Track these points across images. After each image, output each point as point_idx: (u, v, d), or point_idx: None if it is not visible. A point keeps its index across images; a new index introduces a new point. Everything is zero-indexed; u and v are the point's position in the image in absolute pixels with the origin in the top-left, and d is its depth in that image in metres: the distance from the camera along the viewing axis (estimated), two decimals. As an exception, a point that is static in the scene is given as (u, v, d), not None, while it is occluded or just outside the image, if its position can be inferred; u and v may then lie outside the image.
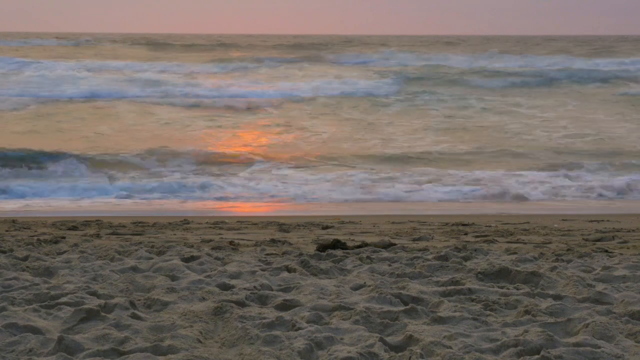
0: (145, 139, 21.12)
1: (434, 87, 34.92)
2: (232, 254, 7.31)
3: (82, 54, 52.88)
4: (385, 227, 10.27)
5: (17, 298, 5.24)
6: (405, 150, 19.62)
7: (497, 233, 9.55)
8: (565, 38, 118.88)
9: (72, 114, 26.53)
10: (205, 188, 14.65)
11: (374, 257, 7.03)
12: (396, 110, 28.44)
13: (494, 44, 77.39)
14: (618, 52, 57.84)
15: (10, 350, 4.25)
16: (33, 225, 10.10)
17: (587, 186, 15.12)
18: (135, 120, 25.52)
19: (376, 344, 4.29)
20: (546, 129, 23.59)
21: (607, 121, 25.82)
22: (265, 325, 4.68)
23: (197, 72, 41.03)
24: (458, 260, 6.78)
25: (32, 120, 25.17)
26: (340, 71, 40.80)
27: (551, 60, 48.42)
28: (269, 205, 13.48)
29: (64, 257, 6.92)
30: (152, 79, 36.23)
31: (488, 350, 4.25)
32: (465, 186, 14.98)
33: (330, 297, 5.42)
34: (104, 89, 31.97)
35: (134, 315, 4.88)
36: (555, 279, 5.98)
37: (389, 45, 70.45)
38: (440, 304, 5.22)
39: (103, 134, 22.39)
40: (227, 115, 26.88)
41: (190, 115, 26.80)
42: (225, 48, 64.06)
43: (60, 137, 21.84)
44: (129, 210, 12.68)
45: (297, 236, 9.25)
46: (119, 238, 8.85)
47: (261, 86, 35.12)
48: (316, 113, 27.57)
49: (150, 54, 55.19)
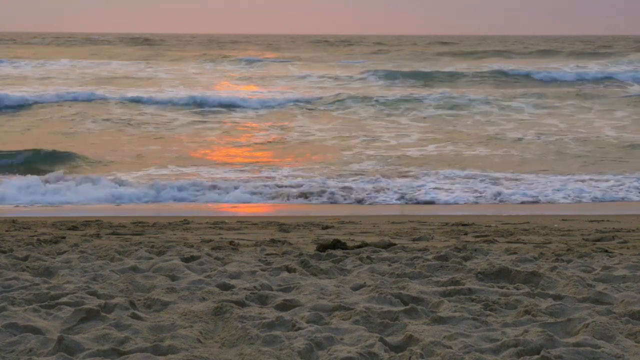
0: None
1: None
2: (232, 254, 7.31)
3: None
4: (385, 227, 10.27)
5: (17, 298, 5.24)
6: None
7: (497, 233, 9.54)
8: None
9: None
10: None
11: (374, 257, 7.03)
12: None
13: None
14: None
15: (10, 350, 4.25)
16: (33, 225, 10.10)
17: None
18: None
19: (376, 344, 4.29)
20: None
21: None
22: (265, 325, 4.68)
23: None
24: (458, 260, 6.78)
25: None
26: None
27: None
28: (269, 205, 13.48)
29: (64, 257, 6.92)
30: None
31: (488, 350, 4.25)
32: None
33: (330, 297, 5.42)
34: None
35: (134, 315, 4.88)
36: (555, 279, 5.98)
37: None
38: (440, 304, 5.22)
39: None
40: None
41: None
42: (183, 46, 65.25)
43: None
44: (129, 210, 12.68)
45: (297, 236, 9.25)
46: (119, 238, 8.85)
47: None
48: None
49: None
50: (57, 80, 36.71)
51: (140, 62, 48.94)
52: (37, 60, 46.96)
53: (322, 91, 33.02)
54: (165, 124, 24.76)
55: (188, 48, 66.52)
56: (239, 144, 21.07)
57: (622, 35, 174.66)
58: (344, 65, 47.53)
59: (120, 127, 23.95)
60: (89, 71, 42.25)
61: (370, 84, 37.43)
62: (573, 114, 27.56)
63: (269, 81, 38.93)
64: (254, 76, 41.79)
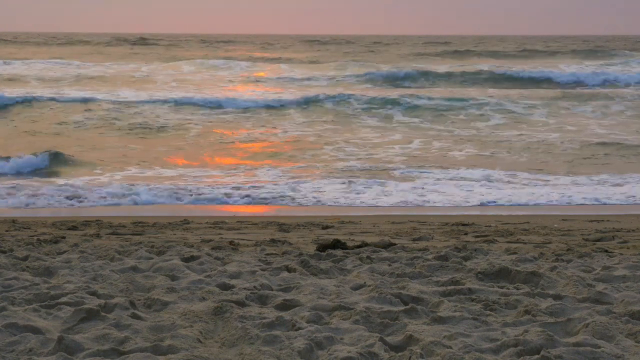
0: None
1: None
2: (232, 254, 7.31)
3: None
4: (385, 227, 10.27)
5: (17, 298, 5.24)
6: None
7: (497, 233, 9.55)
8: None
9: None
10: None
11: (374, 257, 7.03)
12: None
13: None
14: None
15: (10, 350, 4.25)
16: (33, 225, 10.10)
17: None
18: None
19: (376, 344, 4.29)
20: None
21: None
22: (265, 325, 4.68)
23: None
24: (458, 260, 6.78)
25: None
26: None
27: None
28: (269, 205, 13.47)
29: (64, 257, 6.92)
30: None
31: (488, 350, 4.25)
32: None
33: (330, 297, 5.42)
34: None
35: (134, 315, 4.88)
36: (555, 279, 5.98)
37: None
38: (440, 304, 5.22)
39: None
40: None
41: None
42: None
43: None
44: (129, 210, 12.68)
45: (297, 236, 9.25)
46: (119, 238, 8.85)
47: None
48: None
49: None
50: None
51: (129, 62, 48.65)
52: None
53: (302, 92, 32.83)
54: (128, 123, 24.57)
55: (173, 48, 66.64)
56: (199, 145, 20.81)
57: (622, 35, 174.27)
58: (326, 67, 47.13)
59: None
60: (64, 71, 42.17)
61: (351, 85, 37.30)
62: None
63: (245, 83, 38.85)
64: (237, 77, 41.60)
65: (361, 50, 66.13)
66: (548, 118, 26.61)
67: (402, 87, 36.42)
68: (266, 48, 72.15)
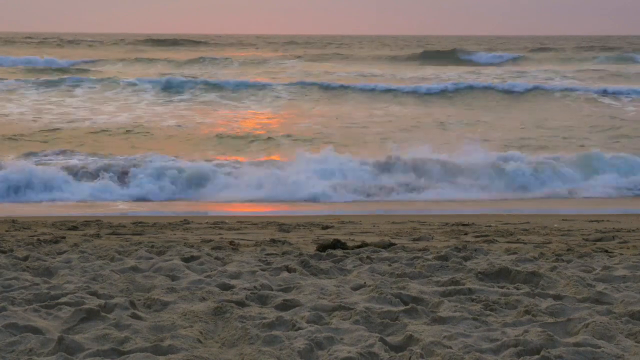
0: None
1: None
2: (232, 254, 7.31)
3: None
4: (385, 227, 10.27)
5: (17, 298, 5.24)
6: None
7: (497, 233, 9.54)
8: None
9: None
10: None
11: (374, 257, 7.03)
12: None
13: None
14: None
15: (10, 350, 4.25)
16: (33, 225, 10.10)
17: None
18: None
19: (376, 344, 4.29)
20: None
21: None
22: (265, 325, 4.68)
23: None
24: (458, 260, 6.78)
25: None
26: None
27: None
28: (269, 205, 13.47)
29: (64, 257, 6.92)
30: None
31: (488, 350, 4.25)
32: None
33: (330, 297, 5.42)
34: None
35: (134, 315, 4.88)
36: (555, 279, 5.98)
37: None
38: (440, 304, 5.22)
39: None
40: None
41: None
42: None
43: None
44: (129, 210, 12.68)
45: (297, 236, 9.25)
46: (119, 238, 8.85)
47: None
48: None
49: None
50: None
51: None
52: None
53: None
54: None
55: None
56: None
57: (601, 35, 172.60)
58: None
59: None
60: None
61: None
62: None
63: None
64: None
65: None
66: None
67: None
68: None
